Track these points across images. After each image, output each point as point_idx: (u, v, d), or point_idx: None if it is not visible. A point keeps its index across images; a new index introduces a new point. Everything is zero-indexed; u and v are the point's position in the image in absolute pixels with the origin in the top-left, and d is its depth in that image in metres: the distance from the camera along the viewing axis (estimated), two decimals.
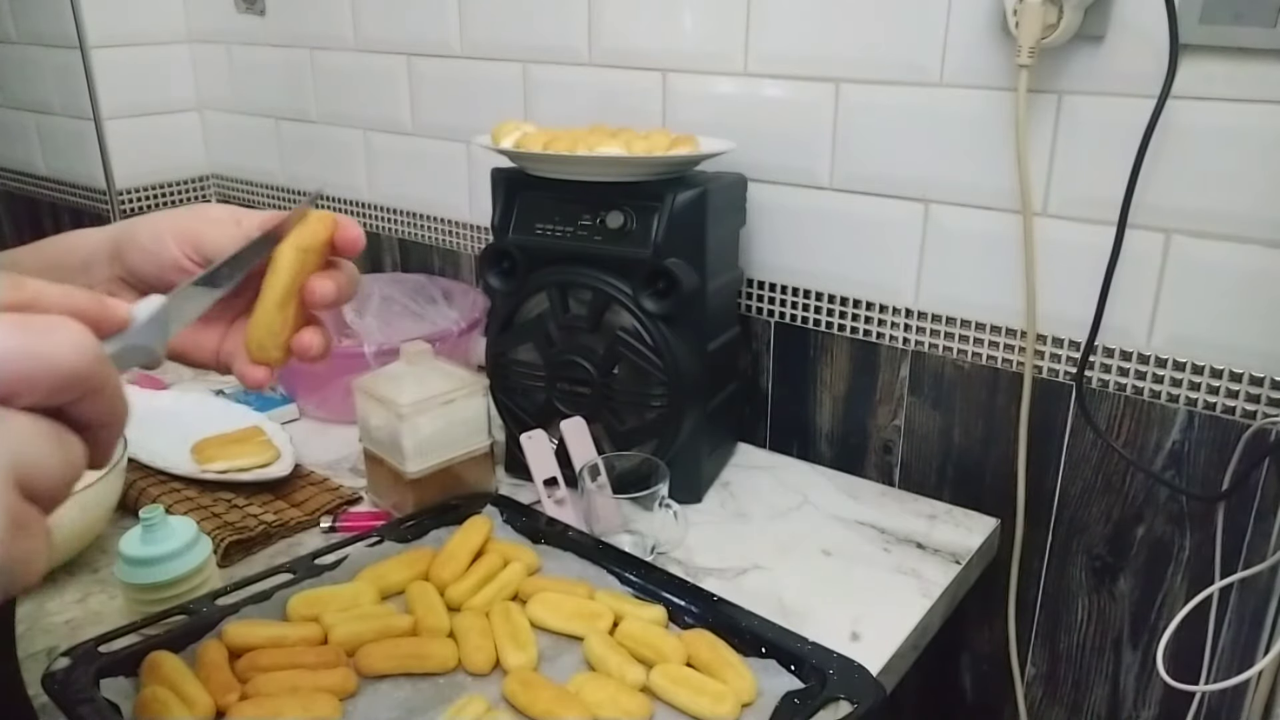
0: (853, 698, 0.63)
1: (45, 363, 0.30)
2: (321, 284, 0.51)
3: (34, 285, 0.33)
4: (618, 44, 1.08)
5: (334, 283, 0.51)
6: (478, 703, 0.63)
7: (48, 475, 0.31)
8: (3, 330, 0.29)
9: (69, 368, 0.31)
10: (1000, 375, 0.93)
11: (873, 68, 0.92)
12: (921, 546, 0.89)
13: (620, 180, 0.88)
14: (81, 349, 0.31)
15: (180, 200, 1.60)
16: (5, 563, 0.29)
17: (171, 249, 0.51)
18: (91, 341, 0.32)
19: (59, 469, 0.31)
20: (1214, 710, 0.89)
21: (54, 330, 0.31)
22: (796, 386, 1.07)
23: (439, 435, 0.89)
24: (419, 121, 1.31)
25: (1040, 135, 0.85)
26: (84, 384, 0.31)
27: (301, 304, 0.51)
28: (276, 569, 0.76)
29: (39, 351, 0.30)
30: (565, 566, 0.78)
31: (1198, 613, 0.84)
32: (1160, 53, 0.77)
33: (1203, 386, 0.83)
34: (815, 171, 0.99)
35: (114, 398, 0.33)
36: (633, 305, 0.89)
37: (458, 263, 1.34)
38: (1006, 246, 0.89)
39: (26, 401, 0.30)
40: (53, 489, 0.31)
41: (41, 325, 0.31)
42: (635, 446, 0.92)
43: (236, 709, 0.62)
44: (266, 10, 1.42)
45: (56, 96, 1.55)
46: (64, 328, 0.31)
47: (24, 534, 0.29)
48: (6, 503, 0.29)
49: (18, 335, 0.30)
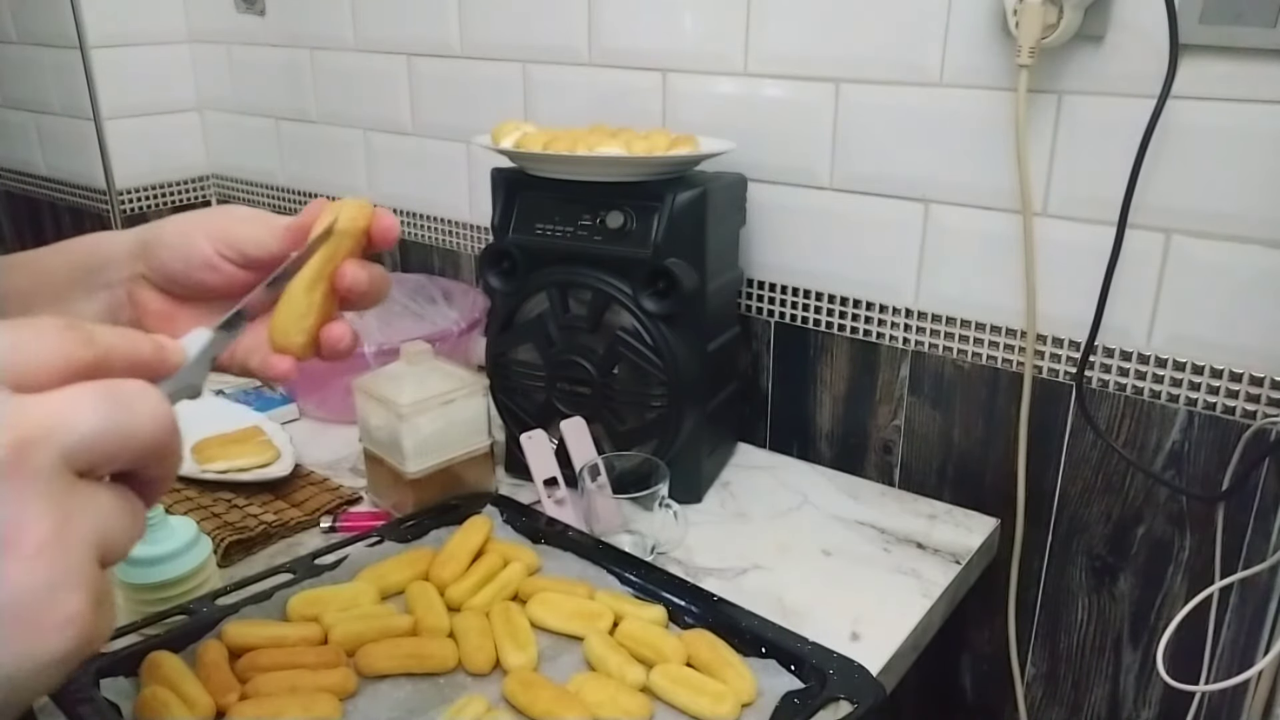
0: (853, 698, 0.63)
1: (132, 438, 0.31)
2: (354, 270, 0.49)
3: (103, 339, 0.33)
4: (618, 44, 1.08)
5: (367, 273, 0.50)
6: (478, 703, 0.63)
7: (120, 545, 0.32)
8: (91, 404, 0.30)
9: (151, 440, 0.32)
10: (1000, 375, 0.93)
11: (873, 68, 0.92)
12: (921, 546, 0.89)
13: (620, 180, 0.88)
14: (161, 420, 0.32)
15: (180, 200, 1.60)
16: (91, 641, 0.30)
17: (202, 246, 0.51)
18: (169, 411, 0.33)
19: (130, 537, 0.32)
20: (1214, 710, 0.89)
21: (138, 403, 0.32)
22: (796, 386, 1.07)
23: (439, 435, 0.89)
24: (419, 121, 1.31)
25: (1040, 135, 0.85)
26: (159, 453, 0.33)
27: (331, 293, 0.49)
28: (276, 569, 0.76)
29: (125, 426, 0.31)
30: (565, 566, 0.78)
31: (1198, 613, 0.84)
32: (1160, 53, 0.77)
33: (1203, 386, 0.83)
34: (815, 171, 0.99)
35: (176, 460, 0.34)
36: (633, 305, 0.89)
37: (458, 263, 1.34)
38: (1006, 246, 0.89)
39: (106, 471, 0.31)
40: (121, 555, 0.32)
41: (125, 398, 0.31)
42: (635, 446, 0.92)
43: (236, 709, 0.62)
44: (266, 10, 1.42)
45: (56, 96, 1.55)
46: (144, 399, 0.32)
47: (102, 608, 0.30)
48: (91, 580, 0.30)
49: (104, 410, 0.31)
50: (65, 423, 0.30)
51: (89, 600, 0.29)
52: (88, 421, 0.30)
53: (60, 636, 0.29)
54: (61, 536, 0.29)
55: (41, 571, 0.28)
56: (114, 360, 0.33)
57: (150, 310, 0.53)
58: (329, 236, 0.48)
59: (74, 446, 0.30)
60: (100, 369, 0.32)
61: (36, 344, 0.31)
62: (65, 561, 0.29)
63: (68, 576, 0.29)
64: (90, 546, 0.30)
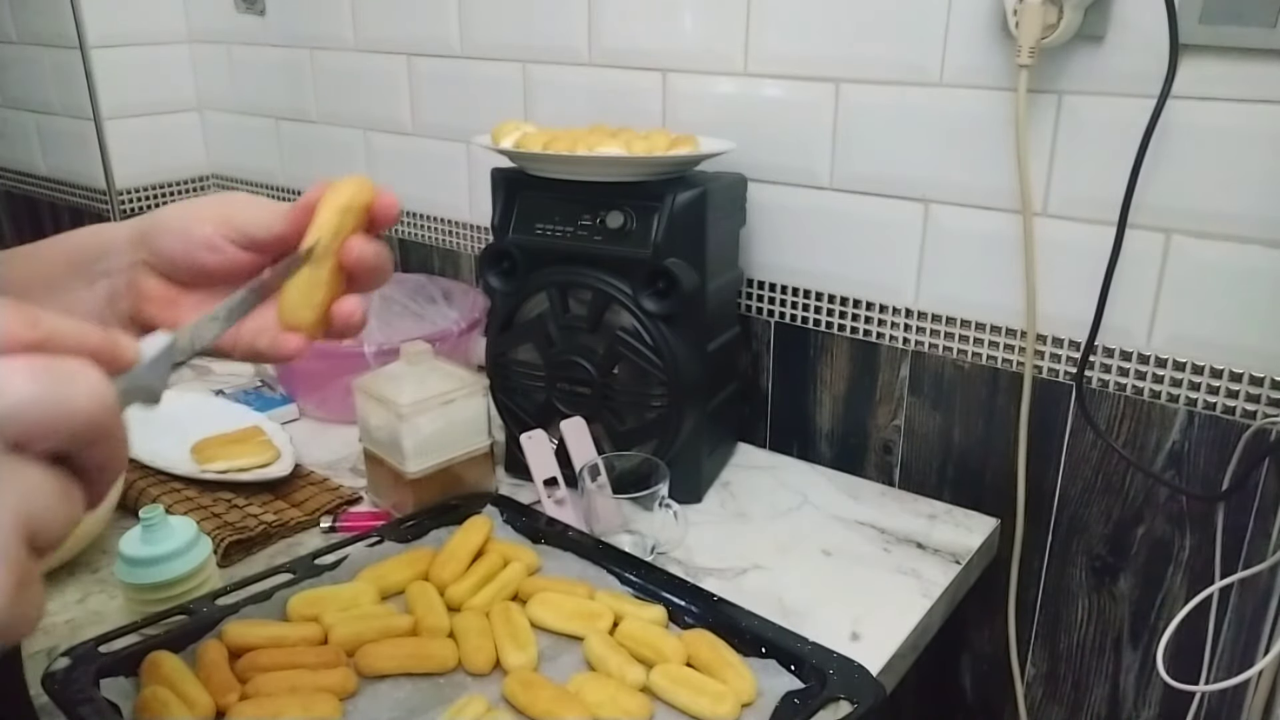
0: (853, 698, 0.63)
1: (63, 411, 0.30)
2: (360, 244, 0.49)
3: (49, 322, 0.32)
4: (618, 44, 1.08)
5: (373, 248, 0.50)
6: (478, 703, 0.63)
7: (51, 528, 0.30)
8: (22, 375, 0.29)
9: (86, 417, 0.30)
10: (1000, 375, 0.93)
11: (873, 68, 0.92)
12: (921, 546, 0.89)
13: (620, 180, 0.88)
14: (98, 398, 0.31)
15: (180, 200, 1.60)
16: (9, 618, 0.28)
17: (202, 228, 0.51)
18: (108, 389, 0.31)
19: (62, 521, 0.31)
20: (1214, 710, 0.89)
21: (73, 378, 0.30)
22: (796, 386, 1.07)
23: (439, 435, 0.89)
24: (419, 121, 1.31)
25: (1040, 135, 0.85)
26: (97, 432, 0.31)
27: (339, 269, 0.49)
28: (276, 569, 0.76)
29: (58, 400, 0.30)
30: (565, 566, 0.78)
31: (1198, 613, 0.84)
32: (1160, 53, 0.77)
33: (1203, 386, 0.83)
34: (815, 171, 0.99)
35: (118, 445, 0.33)
36: (633, 305, 0.89)
37: (458, 263, 1.34)
38: (1006, 246, 0.89)
39: (40, 448, 0.30)
40: (53, 540, 0.30)
41: (60, 372, 0.30)
42: (635, 446, 0.92)
43: (236, 709, 0.62)
44: (266, 10, 1.42)
45: (56, 96, 1.55)
46: (82, 375, 0.31)
47: (26, 590, 0.29)
48: (15, 558, 0.28)
49: (38, 381, 0.29)
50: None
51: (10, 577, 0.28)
52: (18, 391, 0.29)
53: None
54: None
55: None
56: (59, 344, 0.32)
57: (151, 296, 0.52)
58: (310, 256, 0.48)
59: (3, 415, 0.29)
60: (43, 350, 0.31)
61: None
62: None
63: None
64: (14, 523, 0.29)
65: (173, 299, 0.52)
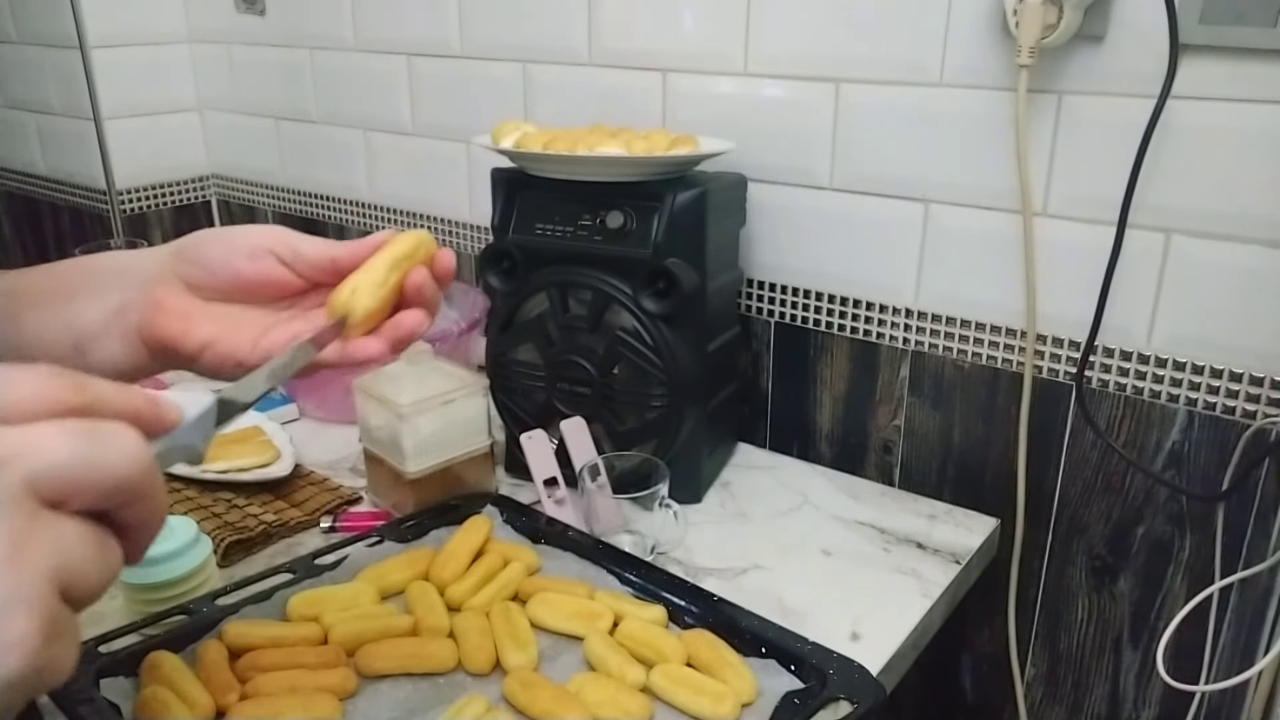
0: (853, 698, 0.63)
1: (100, 471, 0.31)
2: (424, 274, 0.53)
3: (94, 387, 0.33)
4: (618, 44, 1.08)
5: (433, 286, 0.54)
6: (478, 703, 0.63)
7: (87, 581, 0.31)
8: (60, 437, 0.30)
9: (122, 477, 0.32)
10: (1000, 375, 0.93)
11: (873, 68, 0.92)
12: (921, 546, 0.89)
13: (620, 180, 0.88)
14: (135, 459, 0.32)
15: (180, 200, 1.60)
16: (37, 669, 0.29)
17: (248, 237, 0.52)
18: (145, 452, 0.32)
19: (98, 575, 0.32)
20: (1214, 710, 0.89)
21: (111, 440, 0.32)
22: (796, 386, 1.07)
23: (439, 435, 0.89)
24: (419, 121, 1.31)
25: (1040, 135, 0.85)
26: (133, 492, 0.32)
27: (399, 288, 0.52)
28: (276, 569, 0.76)
29: (93, 460, 0.31)
30: (565, 566, 0.78)
31: (1198, 613, 0.84)
32: (1160, 53, 0.77)
33: (1203, 386, 0.83)
34: (815, 171, 0.99)
35: (157, 504, 0.34)
36: (633, 305, 0.89)
37: (458, 263, 1.34)
38: (1006, 246, 0.89)
39: (76, 506, 0.31)
40: (89, 593, 0.32)
41: (97, 434, 0.31)
42: (635, 446, 0.92)
43: (236, 709, 0.62)
44: (266, 10, 1.42)
45: (56, 96, 1.55)
46: (118, 437, 0.32)
47: (57, 639, 0.30)
48: (46, 610, 0.29)
49: (74, 442, 0.31)
50: (33, 450, 0.30)
51: (38, 626, 0.29)
52: (56, 451, 0.30)
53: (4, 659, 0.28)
54: (14, 557, 0.29)
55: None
56: (103, 408, 0.33)
57: (167, 307, 0.52)
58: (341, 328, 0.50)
59: (39, 474, 0.30)
60: (87, 413, 0.32)
61: (23, 383, 0.32)
62: (16, 582, 0.28)
63: (16, 598, 0.28)
64: (47, 574, 0.29)
65: (187, 311, 0.52)
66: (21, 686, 0.29)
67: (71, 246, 1.26)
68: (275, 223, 1.56)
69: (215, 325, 0.52)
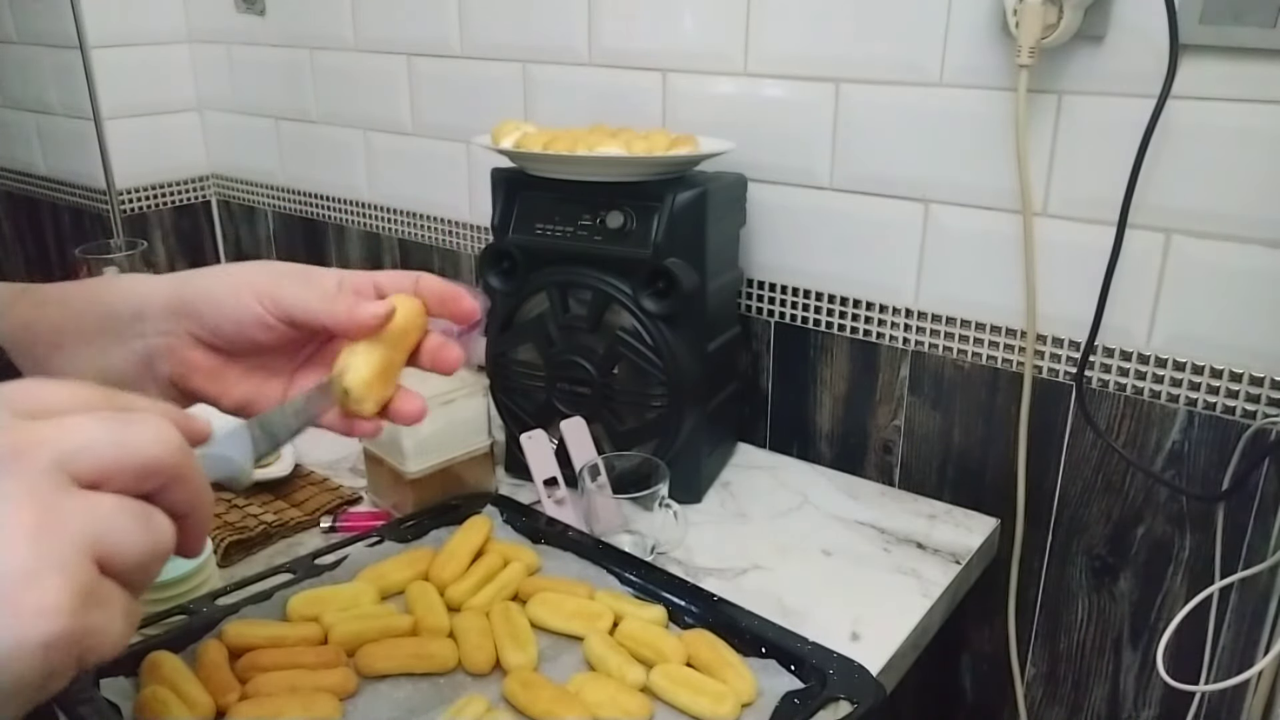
0: (853, 698, 0.63)
1: (129, 450, 0.32)
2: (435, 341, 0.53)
3: (126, 397, 0.35)
4: (618, 44, 1.08)
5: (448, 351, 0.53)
6: (478, 703, 0.63)
7: (130, 551, 0.32)
8: (93, 420, 0.32)
9: (153, 457, 0.33)
10: (1000, 375, 0.93)
11: (873, 68, 0.92)
12: (921, 546, 0.89)
13: (620, 180, 0.88)
14: (164, 440, 0.33)
15: (180, 200, 1.60)
16: (74, 634, 0.30)
17: (254, 306, 0.50)
18: (173, 433, 0.34)
19: (142, 545, 0.32)
20: (1214, 710, 0.89)
21: (140, 422, 0.33)
22: (796, 386, 1.07)
23: (439, 435, 0.89)
24: (419, 121, 1.31)
25: (1040, 135, 0.85)
26: (166, 472, 0.33)
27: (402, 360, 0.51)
28: (276, 569, 0.76)
29: (124, 440, 0.32)
30: (565, 566, 0.78)
31: (1198, 613, 0.84)
32: (1160, 53, 0.77)
33: (1203, 386, 0.83)
34: (815, 171, 0.99)
35: (197, 487, 0.35)
36: (633, 305, 0.89)
37: (458, 263, 1.34)
38: (1006, 246, 0.89)
39: (114, 487, 0.32)
40: (137, 565, 0.32)
41: (127, 418, 0.33)
42: (635, 446, 0.92)
43: (236, 709, 0.62)
44: (266, 10, 1.42)
45: (56, 96, 1.55)
46: (147, 420, 0.33)
47: (96, 607, 0.30)
48: (78, 574, 0.30)
49: (107, 424, 0.32)
50: (62, 433, 0.31)
51: (71, 593, 0.29)
52: (86, 432, 0.32)
53: (35, 622, 0.29)
54: (47, 526, 0.29)
55: (21, 554, 0.29)
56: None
57: (198, 367, 0.52)
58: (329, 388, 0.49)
59: (70, 453, 0.31)
60: None
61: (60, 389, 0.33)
62: (49, 549, 0.29)
63: (49, 564, 0.29)
64: (81, 543, 0.30)
65: (218, 370, 0.53)
66: (60, 654, 0.29)
67: (71, 246, 1.26)
68: (275, 223, 1.56)
69: (246, 383, 0.53)
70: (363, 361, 0.49)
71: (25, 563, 0.29)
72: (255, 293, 0.50)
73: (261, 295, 0.50)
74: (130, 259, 1.15)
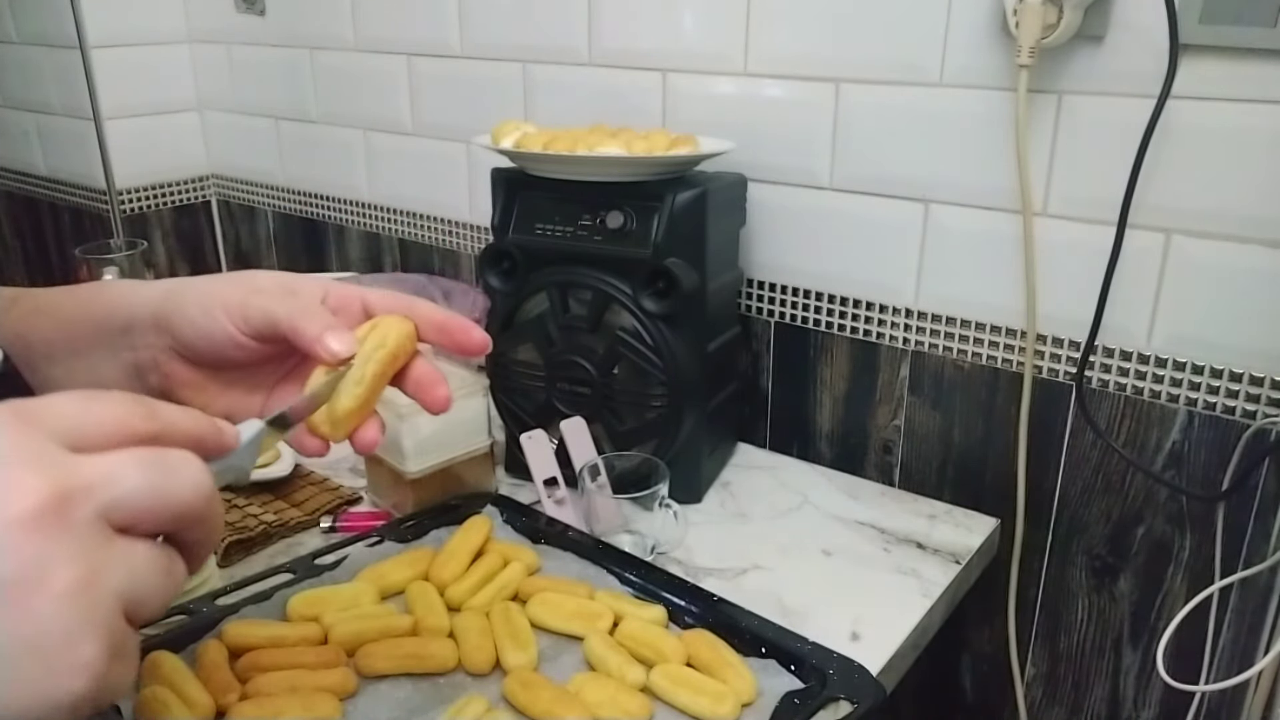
0: (853, 698, 0.63)
1: (169, 501, 0.34)
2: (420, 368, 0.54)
3: (166, 414, 0.36)
4: (618, 44, 1.08)
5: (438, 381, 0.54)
6: (478, 703, 0.63)
7: (152, 602, 0.33)
8: (133, 466, 0.33)
9: (189, 505, 0.34)
10: (1000, 375, 0.93)
11: (873, 68, 0.92)
12: (921, 546, 0.89)
13: (620, 180, 0.88)
14: (200, 488, 0.34)
15: (180, 200, 1.60)
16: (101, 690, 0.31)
17: (224, 323, 0.50)
18: (208, 481, 0.35)
19: (164, 594, 0.34)
20: (1214, 710, 0.89)
21: (179, 469, 0.34)
22: (796, 386, 1.07)
23: (439, 435, 0.89)
24: (419, 121, 1.31)
25: (1040, 135, 0.85)
26: (195, 517, 0.35)
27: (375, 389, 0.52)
28: (276, 569, 0.76)
29: (163, 489, 0.33)
30: (565, 566, 0.78)
31: (1198, 613, 0.84)
32: (1160, 53, 0.77)
33: (1203, 386, 0.83)
34: (815, 171, 0.99)
35: (215, 525, 0.36)
36: (633, 305, 0.89)
37: (458, 263, 1.34)
38: (1006, 246, 0.89)
39: (144, 530, 0.33)
40: (153, 613, 0.34)
41: (167, 464, 0.34)
42: (635, 446, 0.92)
43: (236, 709, 0.62)
44: (266, 10, 1.42)
45: (56, 96, 1.55)
46: (187, 468, 0.34)
47: (120, 660, 0.31)
48: (112, 632, 0.31)
49: (146, 473, 0.33)
50: (108, 479, 0.32)
51: (106, 651, 0.30)
52: (130, 479, 0.32)
53: (72, 681, 0.30)
54: (88, 584, 0.30)
55: (64, 615, 0.30)
56: (173, 435, 0.36)
57: (183, 382, 0.52)
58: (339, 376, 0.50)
59: (113, 502, 0.32)
60: (158, 442, 0.35)
61: (101, 410, 0.34)
62: (89, 609, 0.30)
63: (89, 624, 0.30)
64: (117, 599, 0.31)
65: (201, 384, 0.53)
66: (88, 705, 0.31)
67: (71, 247, 1.26)
68: (275, 223, 1.56)
69: (226, 397, 0.53)
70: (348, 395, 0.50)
71: (67, 624, 0.30)
72: (225, 309, 0.50)
73: (231, 312, 0.50)
74: (130, 259, 1.15)
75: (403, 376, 0.53)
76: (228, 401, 0.53)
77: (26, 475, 0.30)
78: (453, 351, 0.54)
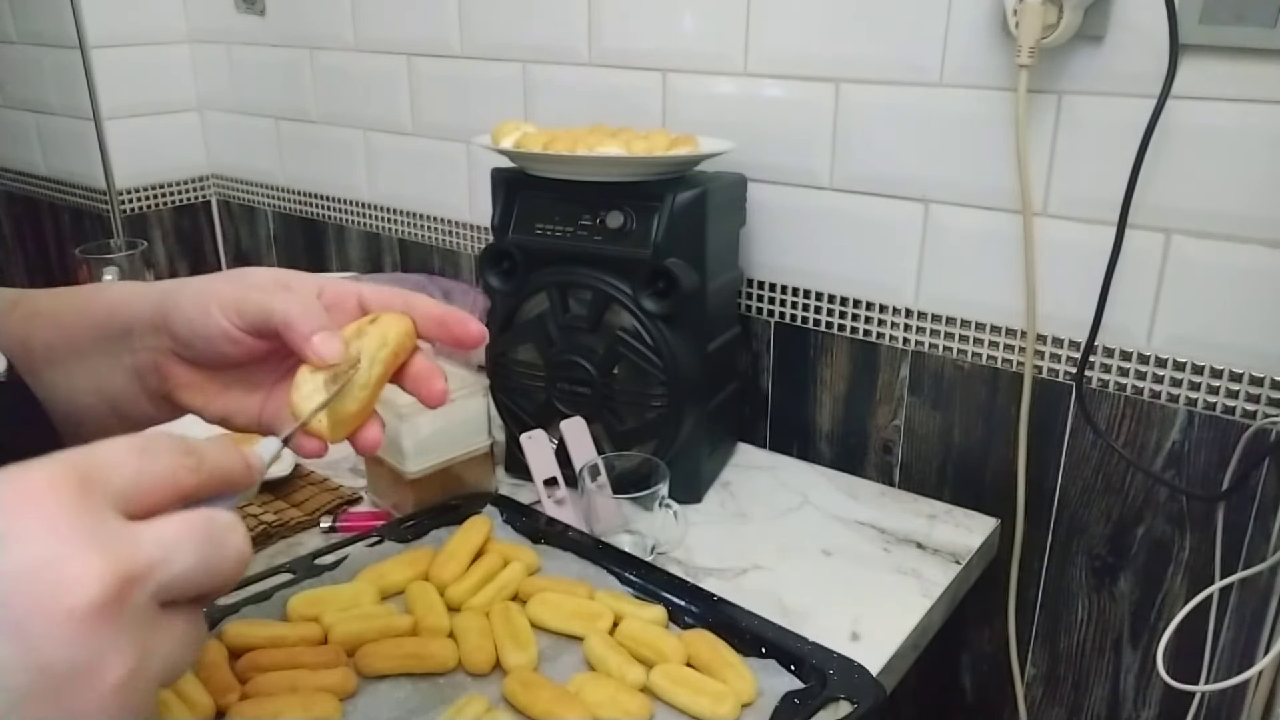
0: (853, 698, 0.63)
1: (216, 576, 0.34)
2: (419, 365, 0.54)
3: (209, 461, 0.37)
4: (618, 44, 1.08)
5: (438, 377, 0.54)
6: (478, 703, 0.63)
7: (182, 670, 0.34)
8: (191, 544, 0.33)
9: (232, 578, 0.35)
10: (1000, 375, 0.93)
11: (873, 68, 0.92)
12: (921, 546, 0.89)
13: (620, 180, 0.88)
14: (243, 558, 0.36)
15: (180, 200, 1.60)
16: None
17: (219, 319, 0.50)
18: (249, 550, 0.36)
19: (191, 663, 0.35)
20: (1214, 710, 0.89)
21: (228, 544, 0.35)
22: (796, 386, 1.07)
23: (439, 435, 0.89)
24: (419, 121, 1.31)
25: (1040, 135, 0.85)
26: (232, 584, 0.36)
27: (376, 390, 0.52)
28: (276, 569, 0.76)
29: (216, 569, 0.34)
30: (565, 566, 0.78)
31: (1198, 613, 0.84)
32: (1160, 53, 0.77)
33: (1203, 386, 0.83)
34: (815, 171, 0.99)
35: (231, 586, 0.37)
36: (633, 305, 0.89)
37: (458, 263, 1.34)
38: (1006, 246, 0.89)
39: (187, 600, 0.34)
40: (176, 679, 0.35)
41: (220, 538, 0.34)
42: (635, 446, 0.92)
43: (236, 709, 0.62)
44: (266, 10, 1.42)
45: (56, 96, 1.55)
46: (234, 537, 0.35)
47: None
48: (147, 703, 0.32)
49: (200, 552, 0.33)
50: (166, 560, 0.32)
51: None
52: (186, 558, 0.33)
53: None
54: (136, 674, 0.31)
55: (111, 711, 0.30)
56: (213, 483, 0.37)
57: (182, 383, 0.53)
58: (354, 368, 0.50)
59: (170, 582, 0.32)
60: (200, 493, 0.36)
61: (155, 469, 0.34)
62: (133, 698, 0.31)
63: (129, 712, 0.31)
64: (158, 681, 0.32)
65: (200, 384, 0.53)
66: None
67: (71, 247, 1.26)
68: (275, 223, 1.56)
69: (225, 397, 0.53)
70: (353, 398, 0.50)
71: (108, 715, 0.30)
72: (220, 305, 0.50)
73: (226, 308, 0.50)
74: (130, 259, 1.15)
75: (400, 372, 0.53)
76: (226, 402, 0.53)
77: (91, 559, 0.30)
78: (451, 345, 0.53)
